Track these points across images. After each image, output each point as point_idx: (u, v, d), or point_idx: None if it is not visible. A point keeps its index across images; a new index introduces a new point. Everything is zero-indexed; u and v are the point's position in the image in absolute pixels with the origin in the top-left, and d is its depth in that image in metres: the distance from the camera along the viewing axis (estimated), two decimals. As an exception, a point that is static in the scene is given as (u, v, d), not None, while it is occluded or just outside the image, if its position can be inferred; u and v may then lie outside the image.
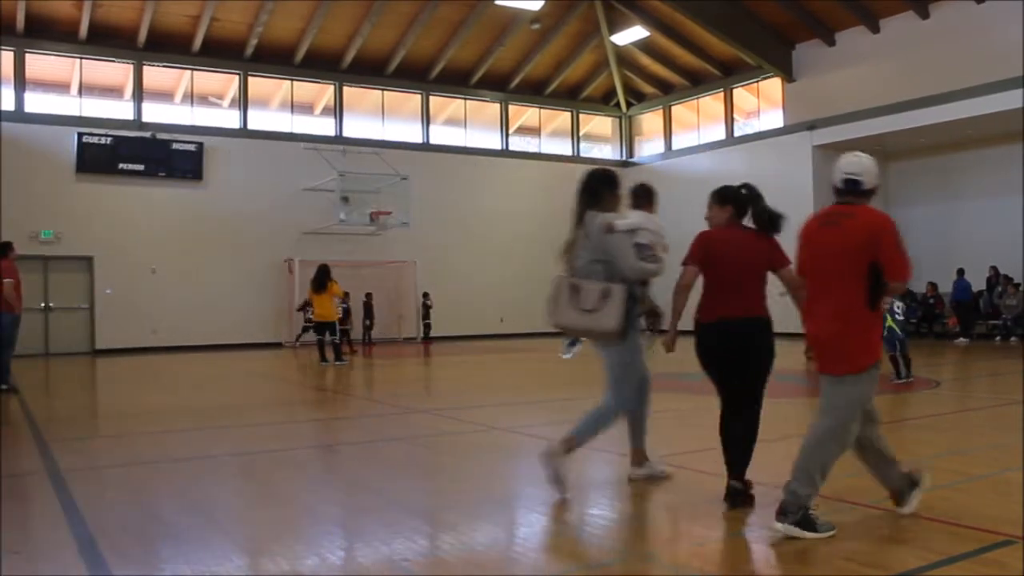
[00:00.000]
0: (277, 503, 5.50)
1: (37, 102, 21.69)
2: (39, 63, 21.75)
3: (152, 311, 22.14)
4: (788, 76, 24.23)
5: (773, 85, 25.19)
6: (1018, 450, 6.56)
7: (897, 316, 11.31)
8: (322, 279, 16.51)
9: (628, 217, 5.60)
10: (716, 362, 5.07)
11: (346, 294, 19.75)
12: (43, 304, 21.15)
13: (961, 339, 20.21)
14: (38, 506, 5.40)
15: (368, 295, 22.76)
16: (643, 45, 26.22)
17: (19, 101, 21.22)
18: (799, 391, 11.99)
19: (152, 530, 4.78)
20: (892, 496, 4.67)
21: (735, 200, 5.13)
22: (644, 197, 5.97)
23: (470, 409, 10.12)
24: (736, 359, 4.99)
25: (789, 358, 18.09)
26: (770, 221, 5.02)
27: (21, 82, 21.27)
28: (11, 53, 21.05)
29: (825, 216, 4.56)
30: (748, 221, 5.18)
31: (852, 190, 4.47)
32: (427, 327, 24.44)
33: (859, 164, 4.50)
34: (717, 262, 4.98)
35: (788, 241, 4.84)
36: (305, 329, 22.61)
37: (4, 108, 20.86)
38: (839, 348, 4.38)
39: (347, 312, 20.15)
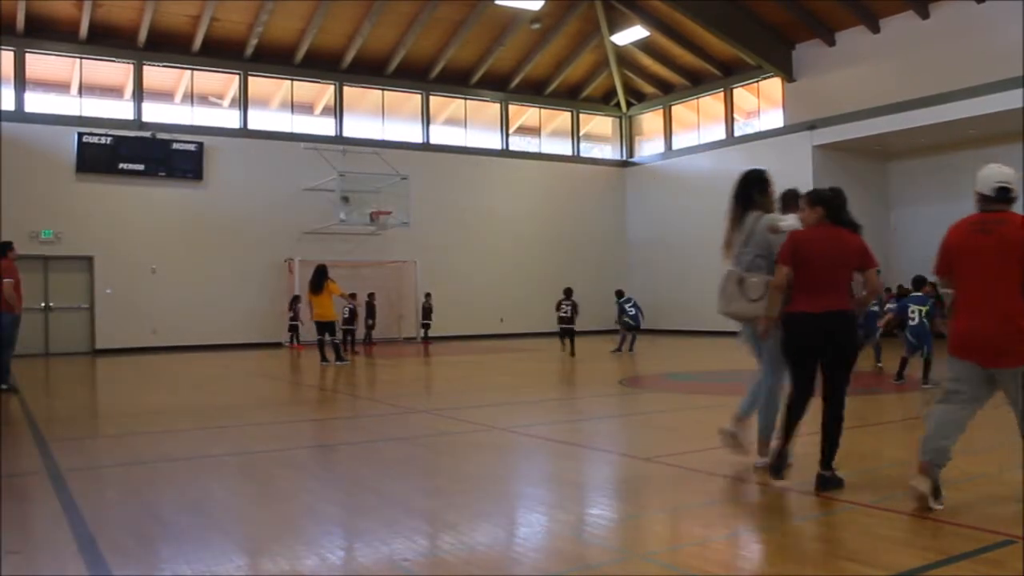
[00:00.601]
0: (277, 503, 5.50)
1: (37, 102, 21.68)
2: (39, 63, 21.75)
3: (152, 311, 22.14)
4: (788, 76, 24.24)
5: (773, 85, 25.19)
6: (1018, 450, 6.56)
7: (912, 322, 11.49)
8: (319, 280, 16.51)
9: (787, 219, 6.04)
10: (797, 351, 5.46)
11: (352, 295, 19.74)
12: (43, 304, 21.15)
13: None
14: (38, 506, 5.40)
15: (371, 295, 22.78)
16: (643, 45, 26.22)
17: (19, 101, 21.22)
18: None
19: (152, 530, 4.77)
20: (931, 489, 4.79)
21: (825, 202, 5.48)
22: (794, 201, 6.38)
23: (470, 409, 10.13)
24: (820, 350, 5.37)
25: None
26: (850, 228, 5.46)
27: (21, 82, 21.26)
28: (11, 53, 21.05)
29: (976, 224, 4.82)
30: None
31: (1003, 198, 4.76)
32: (426, 327, 24.30)
33: (1010, 174, 4.81)
34: (806, 261, 5.34)
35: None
36: (291, 328, 22.65)
37: (4, 108, 20.86)
38: (1020, 342, 4.64)
39: (353, 313, 20.15)
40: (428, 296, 24.32)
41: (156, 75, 23.08)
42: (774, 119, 25.27)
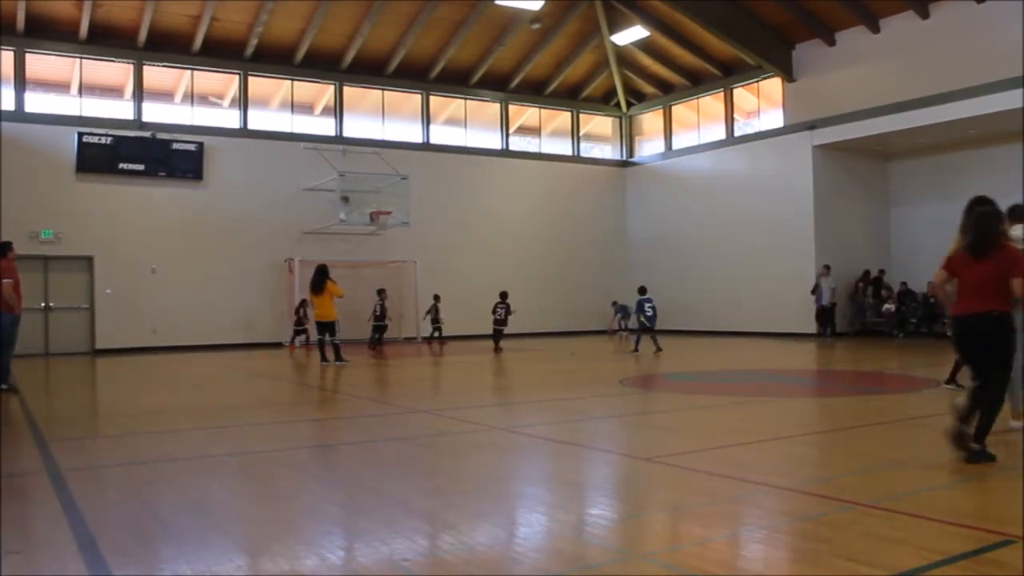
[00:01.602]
0: (277, 503, 5.51)
1: (37, 102, 21.67)
2: (39, 63, 21.74)
3: (152, 311, 22.14)
4: (788, 76, 24.23)
5: (773, 85, 25.19)
6: (1017, 450, 6.57)
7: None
8: (319, 280, 16.50)
9: (1015, 230, 6.90)
10: (958, 346, 6.41)
11: (380, 291, 19.92)
12: (43, 304, 21.15)
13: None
14: (38, 506, 5.40)
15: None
16: (643, 45, 26.22)
17: (19, 101, 21.21)
18: (792, 391, 12.01)
19: (152, 530, 4.78)
20: None
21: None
22: (1020, 214, 7.44)
23: (470, 409, 10.13)
24: (974, 346, 6.21)
25: (786, 359, 17.98)
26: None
27: (21, 82, 21.26)
28: (11, 53, 21.05)
29: None
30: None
31: None
32: (437, 329, 23.82)
33: None
34: (958, 272, 6.35)
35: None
36: (297, 332, 22.43)
37: (4, 108, 20.85)
38: None
39: (384, 310, 20.02)
40: (436, 298, 23.86)
41: (156, 75, 23.08)
42: (774, 119, 25.26)
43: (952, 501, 4.92)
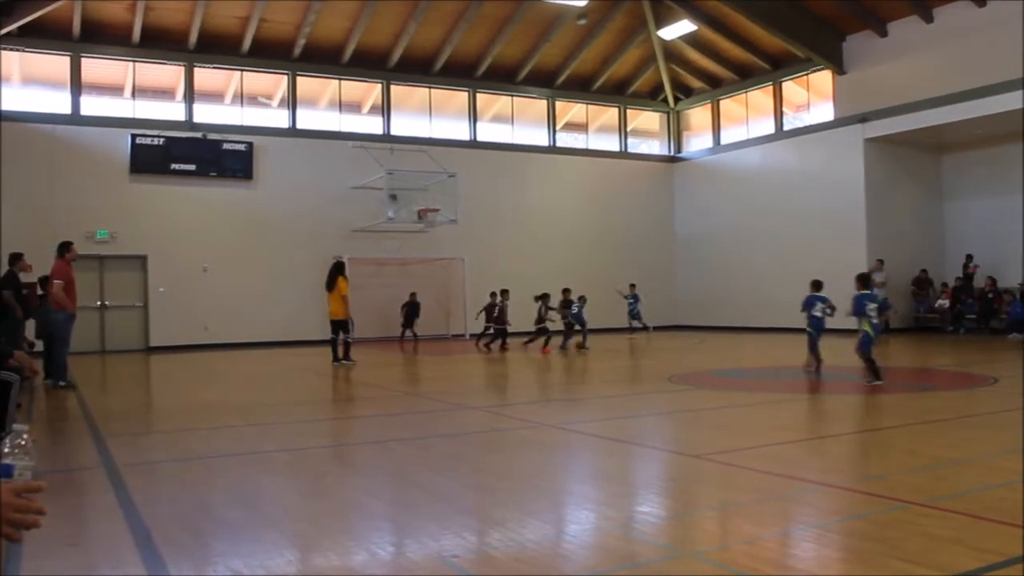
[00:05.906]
0: (327, 498, 5.56)
1: (92, 105, 22.11)
2: (94, 67, 22.19)
3: (204, 308, 22.49)
4: (839, 68, 23.86)
5: (823, 78, 24.81)
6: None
7: (873, 319, 11.33)
8: (330, 277, 16.41)
9: None
10: None
11: (504, 292, 20.23)
12: (99, 302, 21.60)
13: (1015, 334, 19.75)
14: (95, 500, 5.51)
15: (500, 293, 21.39)
16: (690, 39, 25.99)
17: (75, 104, 21.66)
18: (843, 388, 11.83)
19: (205, 524, 4.85)
20: None
21: None
22: None
23: (519, 405, 10.13)
24: None
25: (838, 355, 17.73)
26: None
27: (77, 86, 21.71)
28: (67, 58, 21.51)
29: None
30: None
31: None
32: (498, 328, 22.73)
33: None
34: None
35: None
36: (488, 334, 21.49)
37: (61, 112, 21.35)
38: None
39: (500, 310, 20.15)
40: (501, 293, 22.12)
41: (206, 76, 23.42)
42: (824, 112, 24.89)
43: (1011, 501, 4.81)
